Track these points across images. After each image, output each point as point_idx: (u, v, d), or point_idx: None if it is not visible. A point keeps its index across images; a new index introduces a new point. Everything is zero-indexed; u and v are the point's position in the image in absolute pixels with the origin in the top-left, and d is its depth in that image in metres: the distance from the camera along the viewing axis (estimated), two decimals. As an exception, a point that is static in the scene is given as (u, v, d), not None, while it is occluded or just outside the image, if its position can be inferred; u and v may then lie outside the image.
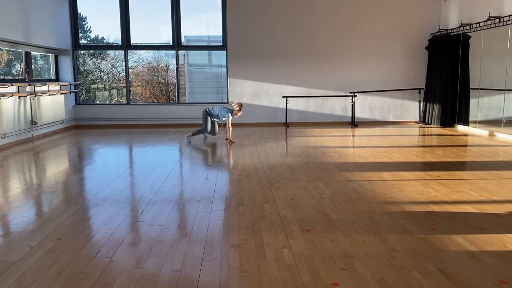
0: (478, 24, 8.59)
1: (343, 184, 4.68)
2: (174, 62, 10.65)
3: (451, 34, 9.52)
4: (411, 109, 10.60)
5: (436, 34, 10.05)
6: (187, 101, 11.00)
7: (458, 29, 9.29)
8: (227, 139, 7.81)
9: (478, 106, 8.94)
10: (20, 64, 8.86)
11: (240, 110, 7.82)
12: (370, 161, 5.92)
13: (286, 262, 2.72)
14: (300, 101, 10.37)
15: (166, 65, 12.02)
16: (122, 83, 11.26)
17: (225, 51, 10.35)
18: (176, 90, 10.73)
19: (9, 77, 8.63)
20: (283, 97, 10.11)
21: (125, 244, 3.04)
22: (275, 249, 2.92)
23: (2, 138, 7.33)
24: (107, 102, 11.55)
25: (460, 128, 9.39)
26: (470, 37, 9.09)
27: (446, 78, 9.57)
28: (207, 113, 7.81)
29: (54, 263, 2.72)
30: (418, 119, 10.54)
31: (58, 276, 2.54)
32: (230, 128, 7.83)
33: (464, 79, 9.31)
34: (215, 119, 7.90)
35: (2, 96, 7.21)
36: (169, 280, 2.48)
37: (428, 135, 8.83)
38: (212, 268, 2.64)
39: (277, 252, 2.87)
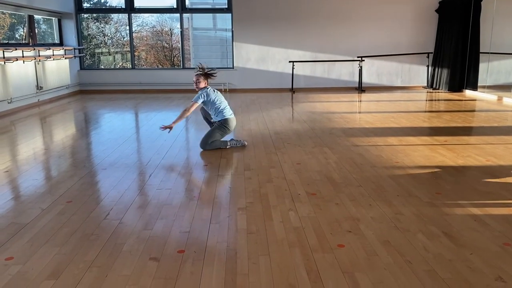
0: (491, -15, 8.33)
1: (349, 149, 4.68)
2: (178, 26, 10.47)
3: (463, -4, 9.24)
4: (419, 74, 10.45)
5: (447, -4, 9.76)
6: (192, 66, 10.90)
7: (470, -10, 9.01)
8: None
9: (488, 70, 8.78)
10: (23, 28, 8.75)
11: (202, 77, 4.78)
12: (377, 127, 5.90)
13: (293, 224, 2.76)
14: (307, 66, 10.23)
15: (170, 29, 11.84)
16: (126, 47, 11.13)
17: (230, 14, 10.14)
18: (180, 55, 10.60)
19: (13, 42, 8.54)
20: (290, 62, 9.97)
21: (134, 207, 3.09)
22: (281, 212, 2.96)
23: (8, 103, 7.35)
24: (112, 67, 11.46)
25: (468, 93, 9.27)
26: (482, -1, 8.84)
27: (456, 42, 9.37)
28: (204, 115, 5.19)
29: (65, 225, 2.78)
30: (426, 84, 10.41)
31: (70, 237, 2.60)
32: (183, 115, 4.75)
33: (474, 43, 9.11)
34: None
35: (6, 60, 7.17)
36: (178, 241, 2.54)
37: (435, 100, 8.74)
38: (220, 230, 2.69)
39: (284, 214, 2.91)
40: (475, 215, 2.88)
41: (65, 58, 9.24)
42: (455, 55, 9.42)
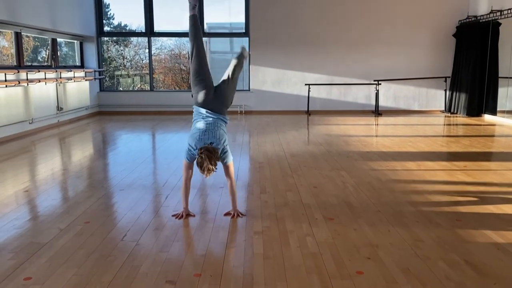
0: (509, 11, 8.29)
1: (366, 173, 4.63)
2: (197, 49, 10.63)
3: (480, 21, 9.23)
4: (437, 98, 10.38)
5: (465, 21, 9.76)
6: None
7: (488, 15, 8.99)
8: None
9: (507, 95, 8.68)
10: (46, 51, 9.01)
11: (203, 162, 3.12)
12: (395, 151, 5.84)
13: (310, 250, 2.72)
14: (323, 89, 10.26)
15: (188, 52, 12.04)
16: (145, 70, 11.35)
17: (247, 38, 10.30)
18: (198, 77, 10.73)
19: (36, 64, 8.79)
20: (306, 84, 10.02)
21: (150, 229, 3.09)
22: (298, 237, 2.92)
23: (29, 123, 7.51)
24: (130, 89, 11.67)
25: (487, 118, 9.15)
26: (500, 24, 8.80)
27: (473, 66, 9.32)
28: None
29: (82, 245, 2.79)
30: (443, 108, 10.32)
31: (87, 258, 2.61)
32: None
33: (492, 68, 9.04)
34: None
35: (29, 82, 7.37)
36: (195, 265, 2.52)
37: (454, 124, 8.65)
38: (236, 254, 2.67)
39: (301, 239, 2.88)
40: (498, 243, 2.80)
41: (86, 80, 9.46)
42: (473, 80, 9.35)
